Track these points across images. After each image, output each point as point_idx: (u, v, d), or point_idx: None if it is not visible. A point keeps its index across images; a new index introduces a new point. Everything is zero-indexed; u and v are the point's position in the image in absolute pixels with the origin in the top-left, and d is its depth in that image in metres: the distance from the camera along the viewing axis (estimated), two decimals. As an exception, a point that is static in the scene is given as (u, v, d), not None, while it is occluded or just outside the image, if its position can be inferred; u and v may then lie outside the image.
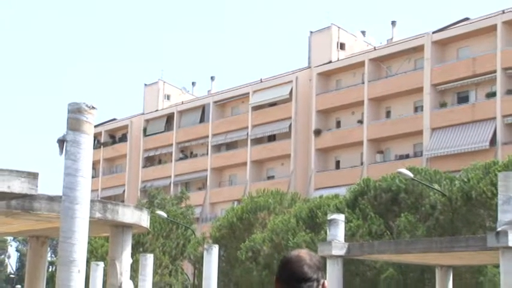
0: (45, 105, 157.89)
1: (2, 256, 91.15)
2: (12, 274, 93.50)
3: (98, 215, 13.97)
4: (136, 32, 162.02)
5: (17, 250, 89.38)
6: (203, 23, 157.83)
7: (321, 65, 70.61)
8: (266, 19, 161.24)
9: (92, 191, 13.60)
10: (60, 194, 11.95)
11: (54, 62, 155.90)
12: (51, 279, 26.91)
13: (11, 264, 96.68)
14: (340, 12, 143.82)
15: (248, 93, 76.14)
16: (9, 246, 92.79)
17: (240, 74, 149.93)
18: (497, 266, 18.65)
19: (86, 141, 11.81)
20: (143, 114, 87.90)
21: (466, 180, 34.51)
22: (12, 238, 70.65)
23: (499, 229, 16.52)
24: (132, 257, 15.82)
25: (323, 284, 3.87)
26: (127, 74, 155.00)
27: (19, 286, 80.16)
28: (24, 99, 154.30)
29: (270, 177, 73.09)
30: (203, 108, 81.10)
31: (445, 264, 20.29)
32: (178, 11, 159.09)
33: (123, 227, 15.38)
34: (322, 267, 3.97)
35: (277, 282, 3.94)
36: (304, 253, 3.95)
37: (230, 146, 78.02)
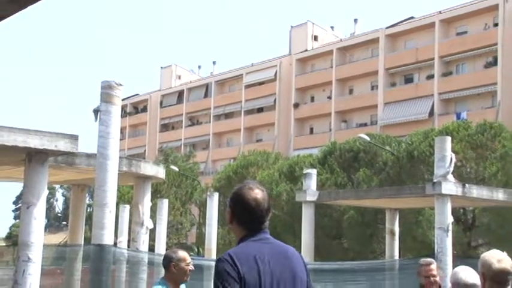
0: (85, 85, 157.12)
1: (51, 200, 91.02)
2: (59, 214, 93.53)
3: (124, 168, 13.99)
4: (156, 25, 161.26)
5: (63, 195, 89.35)
6: (208, 20, 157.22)
7: (299, 53, 70.41)
8: (256, 16, 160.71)
9: (120, 150, 13.59)
10: (96, 152, 11.96)
11: (94, 50, 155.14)
12: (89, 218, 26.86)
13: (58, 205, 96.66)
14: (314, 11, 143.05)
15: (242, 74, 75.90)
16: (57, 192, 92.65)
17: (236, 60, 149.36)
18: (432, 209, 18.76)
19: (115, 111, 11.80)
20: (160, 90, 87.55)
21: (410, 142, 34.55)
22: (59, 186, 70.58)
23: (434, 180, 16.60)
24: (151, 201, 15.85)
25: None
26: (148, 59, 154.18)
27: (65, 222, 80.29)
28: (72, 79, 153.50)
29: (258, 140, 73.08)
30: (207, 86, 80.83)
31: (393, 207, 20.39)
32: (188, 10, 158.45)
33: (144, 178, 15.40)
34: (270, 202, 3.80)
35: (237, 221, 3.76)
36: (260, 197, 3.74)
37: (228, 116, 77.89)
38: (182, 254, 6.30)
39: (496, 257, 4.56)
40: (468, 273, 5.97)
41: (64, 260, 15.11)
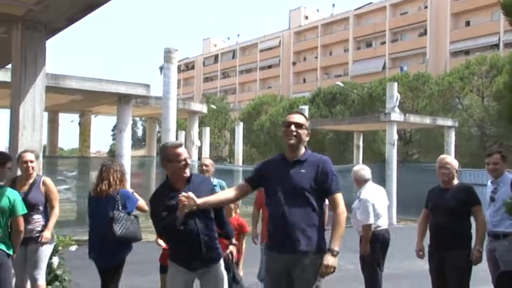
0: (155, 49, 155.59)
1: (134, 128, 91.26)
2: (140, 137, 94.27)
3: (180, 106, 14.06)
4: (202, 10, 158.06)
5: (142, 124, 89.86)
6: (234, 5, 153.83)
7: (295, 27, 69.22)
8: (268, 3, 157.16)
9: (177, 95, 13.60)
10: (162, 96, 12.00)
11: (161, 27, 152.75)
12: (159, 140, 27.22)
13: (139, 131, 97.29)
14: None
15: (257, 43, 74.79)
16: (138, 122, 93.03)
17: (253, 32, 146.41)
18: (384, 130, 18.76)
19: (173, 68, 11.77)
20: (202, 54, 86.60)
21: (370, 87, 34.33)
22: (139, 118, 71.03)
23: (386, 112, 16.56)
24: (198, 128, 15.94)
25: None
26: (194, 32, 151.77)
27: (144, 143, 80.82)
28: (147, 46, 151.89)
29: (269, 87, 72.40)
30: (234, 51, 79.86)
31: (359, 130, 20.40)
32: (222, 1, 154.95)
33: (194, 112, 15.47)
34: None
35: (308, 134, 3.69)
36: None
37: (248, 71, 77.16)
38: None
39: None
40: (367, 171, 5.78)
41: (144, 167, 15.36)
